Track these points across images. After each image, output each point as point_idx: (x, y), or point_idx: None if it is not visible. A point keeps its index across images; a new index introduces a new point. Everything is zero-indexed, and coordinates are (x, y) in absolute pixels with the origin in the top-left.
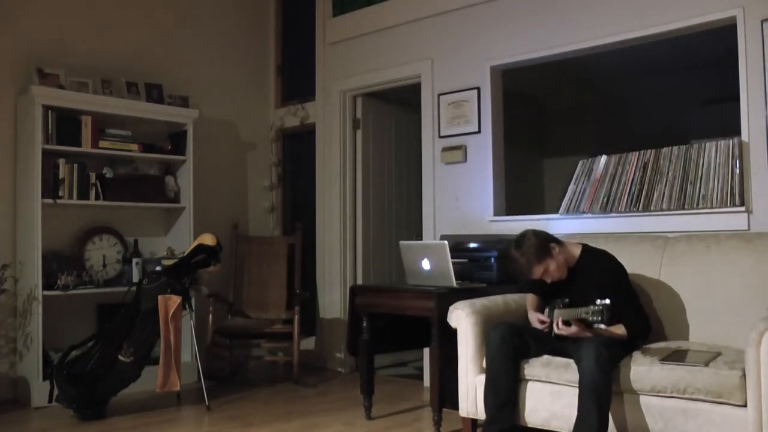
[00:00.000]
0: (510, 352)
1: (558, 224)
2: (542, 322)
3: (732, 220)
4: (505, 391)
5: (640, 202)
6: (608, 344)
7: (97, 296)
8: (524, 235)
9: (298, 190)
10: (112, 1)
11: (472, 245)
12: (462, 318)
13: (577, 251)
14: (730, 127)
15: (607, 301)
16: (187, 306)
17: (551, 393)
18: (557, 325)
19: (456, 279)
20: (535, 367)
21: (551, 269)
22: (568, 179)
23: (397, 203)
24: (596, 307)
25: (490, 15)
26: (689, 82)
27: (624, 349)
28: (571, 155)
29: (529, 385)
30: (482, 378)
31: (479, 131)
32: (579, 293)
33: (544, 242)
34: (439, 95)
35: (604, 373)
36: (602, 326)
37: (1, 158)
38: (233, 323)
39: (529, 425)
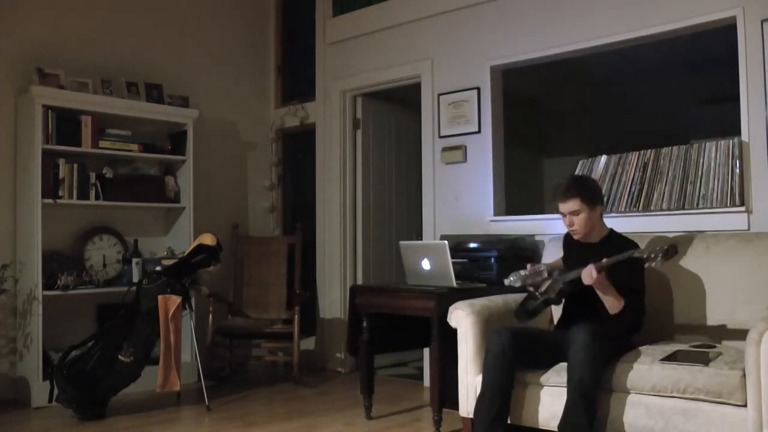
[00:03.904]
0: (507, 365)
1: (558, 224)
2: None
3: (732, 220)
4: (498, 405)
5: (640, 202)
6: (602, 336)
7: (97, 296)
8: (589, 177)
9: (298, 190)
10: (112, 2)
11: (472, 245)
12: (462, 318)
13: (605, 231)
14: (730, 127)
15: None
16: (187, 306)
17: (550, 394)
18: (591, 269)
19: (456, 279)
20: (537, 376)
21: (581, 217)
22: None
23: (397, 203)
24: (656, 246)
25: (490, 15)
26: (689, 82)
27: (619, 344)
28: (571, 155)
29: (529, 387)
30: (481, 379)
31: (479, 131)
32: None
33: (599, 195)
34: (439, 95)
35: (592, 368)
36: (659, 258)
37: (1, 158)
38: (233, 323)
39: (530, 425)
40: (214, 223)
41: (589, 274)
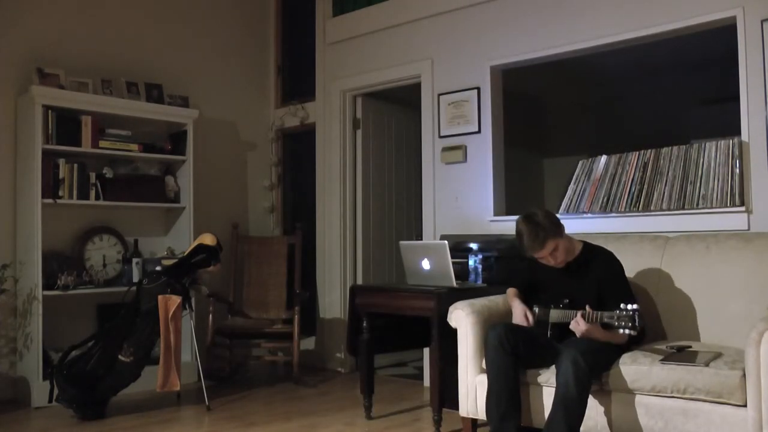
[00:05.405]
0: (508, 356)
1: None
2: (526, 317)
3: (732, 220)
4: (506, 400)
5: (640, 202)
6: (591, 352)
7: (97, 296)
8: (533, 211)
9: (298, 190)
10: (112, 1)
11: (472, 245)
12: (462, 318)
13: (578, 247)
14: (730, 127)
15: (636, 306)
16: (187, 306)
17: (550, 394)
18: (577, 321)
19: (456, 279)
20: (536, 375)
21: (560, 249)
22: (568, 179)
23: (397, 203)
24: (623, 312)
25: (490, 15)
26: (689, 82)
27: (612, 353)
28: (571, 155)
29: (530, 387)
30: (482, 378)
31: (479, 131)
32: (578, 291)
33: (558, 220)
34: (439, 95)
35: (579, 386)
36: (629, 332)
37: (1, 158)
38: (233, 323)
39: (534, 426)
40: (214, 223)
41: (577, 327)
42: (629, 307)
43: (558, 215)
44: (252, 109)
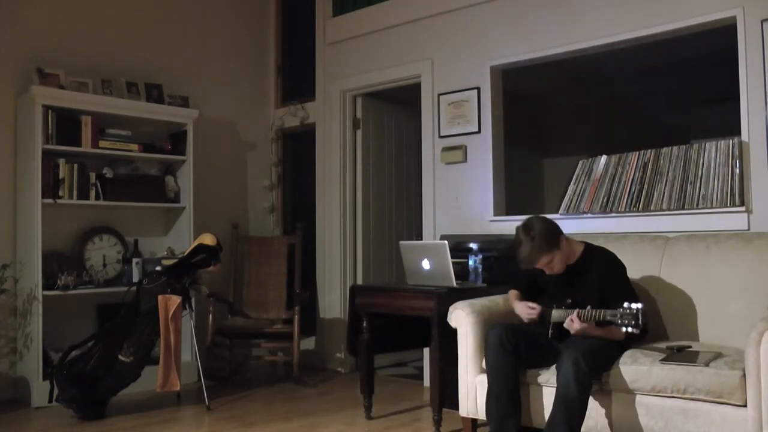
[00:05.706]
0: (508, 356)
1: (558, 224)
2: (531, 309)
3: (732, 220)
4: (506, 400)
5: (640, 202)
6: (592, 353)
7: (97, 296)
8: (531, 222)
9: (298, 190)
10: (112, 2)
11: (472, 245)
12: (462, 318)
13: (579, 249)
14: (730, 127)
15: (640, 304)
16: (187, 306)
17: (550, 394)
18: (572, 319)
19: (456, 279)
20: (536, 376)
21: (555, 261)
22: (568, 179)
23: (397, 203)
24: (626, 311)
25: (490, 15)
26: (689, 82)
27: (613, 353)
28: (571, 155)
29: (530, 387)
30: (482, 378)
31: (479, 131)
32: (580, 292)
33: (554, 232)
34: (439, 95)
35: (580, 386)
36: (632, 330)
37: (1, 158)
38: (233, 323)
39: (534, 426)
40: (214, 223)
41: (571, 326)
42: (633, 305)
43: (558, 215)
44: (252, 109)
